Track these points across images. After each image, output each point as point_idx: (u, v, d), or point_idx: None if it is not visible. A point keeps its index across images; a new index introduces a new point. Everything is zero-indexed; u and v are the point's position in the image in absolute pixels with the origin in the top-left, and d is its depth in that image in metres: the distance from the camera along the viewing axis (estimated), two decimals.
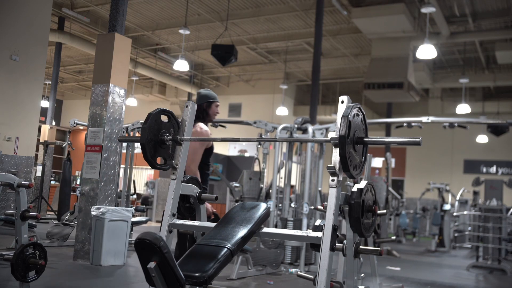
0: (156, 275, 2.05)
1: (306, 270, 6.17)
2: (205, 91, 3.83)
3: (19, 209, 3.52)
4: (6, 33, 7.55)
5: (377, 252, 2.52)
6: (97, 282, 4.71)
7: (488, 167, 18.52)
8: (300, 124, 6.64)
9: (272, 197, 6.62)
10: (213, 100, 3.76)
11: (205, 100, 3.75)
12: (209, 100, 3.75)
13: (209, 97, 3.76)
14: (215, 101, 3.78)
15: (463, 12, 11.98)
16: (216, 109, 3.78)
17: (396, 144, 2.30)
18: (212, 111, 3.76)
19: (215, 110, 3.78)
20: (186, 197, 2.87)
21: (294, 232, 2.42)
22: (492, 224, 8.02)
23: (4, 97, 7.57)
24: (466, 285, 6.42)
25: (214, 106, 3.77)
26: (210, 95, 3.79)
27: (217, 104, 3.79)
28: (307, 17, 12.62)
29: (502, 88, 17.50)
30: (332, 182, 2.22)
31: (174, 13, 13.27)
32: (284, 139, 2.65)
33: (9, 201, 7.51)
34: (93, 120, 5.90)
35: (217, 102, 3.80)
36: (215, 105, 3.77)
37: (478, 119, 12.18)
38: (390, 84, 12.50)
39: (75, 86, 21.01)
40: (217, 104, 3.79)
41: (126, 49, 6.09)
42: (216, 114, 3.80)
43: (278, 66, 17.28)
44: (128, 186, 7.86)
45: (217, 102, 3.79)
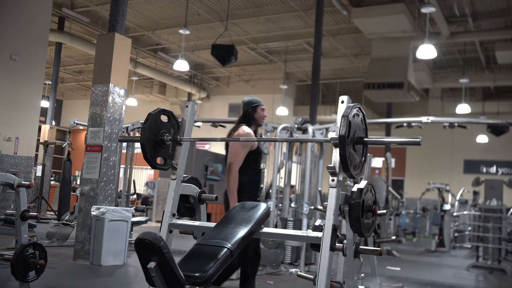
0: (156, 275, 2.05)
1: (306, 270, 6.17)
2: (248, 98, 3.88)
3: (19, 209, 3.52)
4: (6, 33, 7.55)
5: (377, 252, 2.52)
6: (97, 282, 4.71)
7: (488, 167, 18.52)
8: (300, 124, 6.64)
9: (272, 197, 6.62)
10: (257, 104, 3.81)
11: (249, 106, 3.80)
12: (253, 105, 3.80)
13: (252, 102, 3.81)
14: (259, 104, 3.82)
15: (463, 12, 11.98)
16: (262, 113, 3.82)
17: (396, 144, 2.30)
18: (258, 115, 3.80)
19: (261, 114, 3.81)
20: (186, 197, 2.87)
21: (294, 232, 2.42)
22: (492, 224, 8.03)
23: (4, 97, 7.57)
24: (466, 285, 6.42)
25: (260, 109, 3.80)
26: (253, 100, 3.84)
27: (262, 108, 3.82)
28: (307, 17, 12.62)
29: (502, 88, 17.50)
30: (332, 182, 2.22)
31: (174, 13, 13.27)
32: (284, 139, 2.65)
33: (9, 201, 7.51)
34: (93, 120, 5.90)
35: (262, 106, 3.83)
36: (260, 109, 3.81)
37: (478, 119, 12.17)
38: (390, 84, 12.50)
39: (75, 86, 21.01)
40: (262, 107, 3.82)
41: (126, 49, 6.09)
42: (263, 117, 3.82)
43: (278, 66, 17.28)
44: (128, 186, 7.86)
45: (261, 105, 3.83)
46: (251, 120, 3.79)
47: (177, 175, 2.64)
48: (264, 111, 3.84)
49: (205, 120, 8.85)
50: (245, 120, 3.78)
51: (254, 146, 3.68)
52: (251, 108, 3.79)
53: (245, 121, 3.77)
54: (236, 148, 3.62)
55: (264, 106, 3.86)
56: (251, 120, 3.79)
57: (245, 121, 3.77)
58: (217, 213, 13.26)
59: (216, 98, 20.33)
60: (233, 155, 3.60)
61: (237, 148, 3.62)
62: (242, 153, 3.62)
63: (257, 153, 3.70)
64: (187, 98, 19.15)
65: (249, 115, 3.79)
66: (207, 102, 20.41)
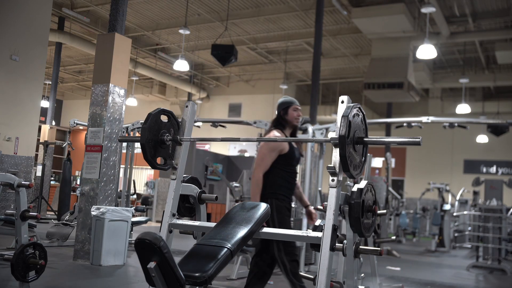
0: (156, 275, 2.05)
1: (306, 270, 6.17)
2: (282, 99, 3.74)
3: (19, 209, 3.52)
4: (6, 33, 7.55)
5: (377, 252, 2.52)
6: (97, 282, 4.71)
7: (488, 167, 18.52)
8: (300, 124, 6.64)
9: None
10: (288, 105, 3.66)
11: (281, 108, 3.67)
12: (284, 106, 3.66)
13: (284, 103, 3.68)
14: (291, 105, 3.66)
15: (463, 12, 11.98)
16: (294, 113, 3.65)
17: (396, 144, 2.30)
18: (290, 117, 3.64)
19: (293, 114, 3.65)
20: (186, 197, 2.87)
21: (294, 232, 2.42)
22: (492, 224, 8.03)
23: (4, 97, 7.57)
24: (466, 285, 6.42)
25: (292, 110, 3.64)
26: (285, 101, 3.69)
27: (295, 108, 3.66)
28: (307, 17, 12.62)
29: (502, 88, 17.50)
30: (332, 182, 2.22)
31: (174, 13, 13.27)
32: (284, 139, 2.65)
33: (9, 201, 7.51)
34: (93, 120, 5.90)
35: (294, 106, 3.66)
36: (292, 109, 3.65)
37: (478, 119, 12.17)
38: (390, 84, 12.50)
39: (75, 86, 21.01)
40: (294, 107, 3.66)
41: (126, 49, 6.10)
42: (297, 118, 3.66)
43: (278, 66, 17.28)
44: (128, 186, 7.86)
45: (294, 105, 3.66)
46: (284, 123, 3.65)
47: (177, 175, 2.64)
48: (298, 110, 3.66)
49: (205, 120, 8.85)
50: (278, 123, 3.66)
51: (285, 150, 3.54)
52: (283, 110, 3.65)
53: (278, 124, 3.65)
54: (263, 152, 3.54)
55: (297, 105, 3.69)
56: (284, 122, 3.65)
57: (277, 124, 3.65)
58: (217, 213, 13.26)
59: (216, 98, 20.33)
60: (259, 159, 3.53)
61: (264, 153, 3.54)
62: (268, 157, 3.52)
63: (290, 156, 3.56)
64: (187, 98, 19.15)
65: (280, 118, 3.66)
66: (207, 102, 20.41)
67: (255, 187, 3.49)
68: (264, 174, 3.52)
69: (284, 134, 3.64)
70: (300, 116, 3.69)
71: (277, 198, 3.51)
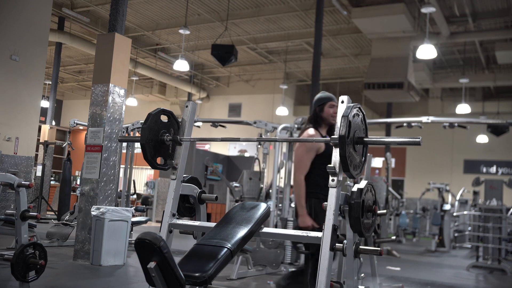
0: (156, 275, 2.05)
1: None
2: (318, 95, 3.60)
3: (19, 209, 3.52)
4: (6, 33, 7.55)
5: (377, 252, 2.51)
6: (97, 282, 4.71)
7: (488, 167, 18.51)
8: (300, 124, 6.64)
9: (272, 197, 6.63)
10: (323, 102, 3.53)
11: (316, 104, 3.56)
12: (320, 103, 3.54)
13: (319, 100, 3.55)
14: (326, 102, 3.52)
15: (463, 12, 11.98)
16: (330, 110, 3.49)
17: (396, 144, 2.30)
18: (326, 114, 3.50)
19: (329, 112, 3.50)
20: (186, 197, 2.87)
21: (294, 232, 2.42)
22: (492, 224, 8.02)
23: (4, 97, 7.57)
24: (466, 285, 6.42)
25: (327, 107, 3.50)
26: (320, 97, 3.56)
27: (331, 105, 3.51)
28: (307, 17, 12.63)
29: (502, 88, 17.50)
30: (332, 182, 2.23)
31: (174, 13, 13.28)
32: (284, 139, 2.65)
33: (9, 201, 7.51)
34: (93, 120, 5.90)
35: (331, 102, 3.50)
36: (328, 106, 3.50)
37: (478, 119, 12.17)
38: (390, 84, 12.50)
39: (75, 86, 21.01)
40: (330, 104, 3.51)
41: (126, 49, 6.09)
42: (333, 115, 3.48)
43: (278, 66, 17.28)
44: (128, 186, 7.86)
45: (330, 102, 3.51)
46: (319, 120, 3.51)
47: (177, 175, 2.64)
48: (335, 107, 3.47)
49: (205, 120, 8.86)
50: (313, 120, 3.53)
51: (321, 149, 3.41)
52: (318, 107, 3.52)
53: (313, 122, 3.52)
54: (299, 154, 3.44)
55: (334, 102, 3.50)
56: (319, 120, 3.51)
57: (313, 122, 3.53)
58: (217, 213, 13.26)
59: (216, 98, 20.33)
60: (296, 162, 3.43)
61: (300, 155, 3.44)
62: (305, 158, 3.41)
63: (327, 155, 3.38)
64: (187, 98, 19.15)
65: (316, 115, 3.53)
66: (207, 102, 20.41)
67: (298, 190, 3.38)
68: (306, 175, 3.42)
69: (319, 132, 3.50)
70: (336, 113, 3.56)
71: (317, 198, 3.41)
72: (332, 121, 3.47)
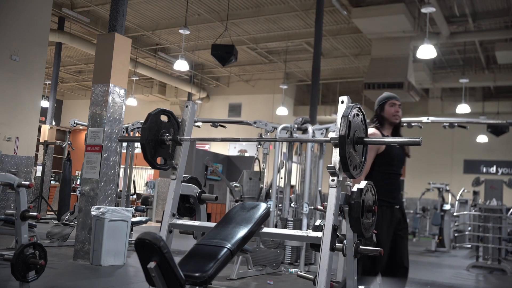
0: (156, 275, 2.05)
1: (306, 270, 6.17)
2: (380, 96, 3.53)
3: (19, 209, 3.52)
4: (6, 33, 7.55)
5: (377, 252, 2.51)
6: (97, 282, 4.71)
7: (488, 167, 18.51)
8: (300, 124, 6.64)
9: (272, 197, 6.62)
10: (383, 101, 3.46)
11: (377, 105, 3.48)
12: (380, 103, 3.47)
13: (380, 99, 3.49)
14: (387, 101, 3.44)
15: (463, 12, 11.98)
16: (391, 109, 3.41)
17: (396, 144, 2.30)
18: (387, 113, 3.42)
19: (390, 111, 3.42)
20: (186, 197, 2.87)
21: (294, 232, 2.42)
22: (492, 224, 8.02)
23: (4, 97, 7.57)
24: (466, 285, 6.42)
25: (388, 106, 3.42)
26: (381, 97, 3.49)
27: (391, 103, 3.42)
28: (307, 17, 12.62)
29: (502, 88, 17.49)
30: (332, 182, 2.23)
31: (174, 13, 13.28)
32: (284, 139, 2.66)
33: (9, 201, 7.51)
34: (93, 120, 5.90)
35: (391, 101, 3.42)
36: (389, 105, 3.42)
37: (478, 119, 12.17)
38: (390, 84, 12.50)
39: (75, 86, 21.01)
40: (390, 102, 3.42)
41: (126, 49, 6.10)
42: (394, 114, 3.41)
43: (278, 66, 17.28)
44: (128, 186, 7.86)
45: (390, 101, 3.43)
46: (382, 120, 3.43)
47: (177, 175, 2.64)
48: (395, 106, 3.40)
49: (205, 120, 8.86)
50: (376, 120, 3.44)
51: (381, 149, 3.28)
52: (379, 107, 3.45)
53: (376, 122, 3.43)
54: None
55: (394, 100, 3.42)
56: (381, 120, 3.43)
57: (376, 122, 3.43)
58: (217, 213, 13.26)
59: (216, 98, 20.33)
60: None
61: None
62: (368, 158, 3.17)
63: (389, 155, 3.29)
64: (187, 98, 19.15)
65: (378, 115, 3.45)
66: (207, 102, 20.41)
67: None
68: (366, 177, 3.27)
69: (381, 132, 3.39)
70: (398, 112, 3.43)
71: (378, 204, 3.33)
72: (394, 120, 3.42)
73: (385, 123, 3.43)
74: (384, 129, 3.42)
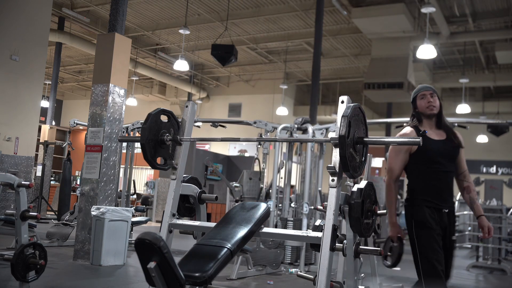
0: (156, 275, 2.05)
1: (306, 270, 6.17)
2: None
3: (19, 209, 3.52)
4: (6, 33, 7.55)
5: (377, 252, 2.52)
6: (97, 282, 4.71)
7: (488, 167, 18.52)
8: (300, 124, 6.64)
9: (272, 197, 6.62)
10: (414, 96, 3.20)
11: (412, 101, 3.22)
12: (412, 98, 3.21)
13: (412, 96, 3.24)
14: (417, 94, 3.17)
15: (463, 12, 11.98)
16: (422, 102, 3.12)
17: (396, 144, 2.30)
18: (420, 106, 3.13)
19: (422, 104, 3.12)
20: (186, 197, 2.87)
21: (294, 232, 2.42)
22: (492, 224, 8.01)
23: (4, 97, 7.57)
24: (466, 285, 6.42)
25: (419, 100, 3.14)
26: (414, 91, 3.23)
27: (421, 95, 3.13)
28: (307, 17, 12.63)
29: (502, 88, 17.50)
30: (332, 182, 2.23)
31: (174, 13, 13.28)
32: (284, 139, 2.66)
33: (9, 201, 7.51)
34: (93, 120, 5.90)
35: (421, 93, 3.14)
36: (419, 98, 3.13)
37: (478, 119, 12.16)
38: (390, 84, 12.50)
39: (75, 86, 21.02)
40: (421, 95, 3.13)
41: (126, 49, 6.09)
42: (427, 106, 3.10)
43: (278, 66, 17.28)
44: (128, 186, 7.86)
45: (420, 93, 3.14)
46: (419, 116, 3.15)
47: (177, 175, 2.64)
48: (426, 97, 3.11)
49: (205, 120, 8.85)
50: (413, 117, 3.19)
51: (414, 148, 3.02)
52: (412, 104, 3.18)
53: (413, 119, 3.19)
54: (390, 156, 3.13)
55: (423, 92, 3.13)
56: (418, 116, 3.15)
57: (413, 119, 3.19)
58: (217, 213, 13.25)
59: (216, 98, 20.33)
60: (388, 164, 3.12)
61: (391, 156, 3.12)
62: (395, 161, 3.06)
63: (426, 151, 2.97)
64: (187, 98, 19.15)
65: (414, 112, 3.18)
66: (207, 102, 20.42)
67: (387, 195, 3.14)
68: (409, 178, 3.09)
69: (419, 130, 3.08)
70: (431, 102, 3.11)
71: (414, 205, 3.01)
72: (430, 112, 3.09)
73: (423, 118, 3.13)
74: (423, 125, 3.11)
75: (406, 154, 3.02)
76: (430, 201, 2.93)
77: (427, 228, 2.89)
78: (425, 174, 2.98)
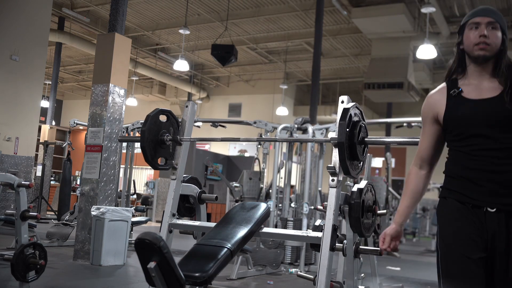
0: (156, 275, 2.05)
1: (306, 270, 6.17)
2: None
3: (19, 209, 3.52)
4: (6, 33, 7.55)
5: (377, 252, 2.52)
6: (97, 282, 4.71)
7: None
8: (300, 124, 6.64)
9: (272, 197, 6.62)
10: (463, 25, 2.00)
11: (458, 29, 2.02)
12: (459, 31, 1.99)
13: (463, 20, 2.00)
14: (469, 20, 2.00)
15: (463, 12, 11.98)
16: (471, 35, 1.93)
17: (396, 144, 2.30)
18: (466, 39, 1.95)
19: (469, 38, 1.93)
20: (186, 197, 2.87)
21: (294, 232, 2.43)
22: None
23: (4, 97, 7.57)
24: None
25: (467, 31, 1.97)
26: (466, 16, 2.03)
27: (472, 24, 1.97)
28: (307, 17, 12.63)
29: None
30: (332, 182, 2.23)
31: (174, 13, 13.28)
32: (284, 139, 2.66)
33: (9, 201, 7.51)
34: (93, 120, 5.90)
35: (472, 20, 1.98)
36: (469, 28, 1.97)
37: None
38: (390, 84, 12.50)
39: (75, 86, 21.02)
40: (472, 23, 1.97)
41: (126, 49, 6.10)
42: (476, 41, 1.89)
43: (278, 66, 17.28)
44: (128, 186, 7.86)
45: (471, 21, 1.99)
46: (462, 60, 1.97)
47: (177, 175, 2.64)
48: (480, 26, 1.93)
49: (205, 120, 8.85)
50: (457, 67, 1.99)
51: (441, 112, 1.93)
52: (458, 34, 2.02)
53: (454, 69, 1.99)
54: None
55: (475, 18, 1.97)
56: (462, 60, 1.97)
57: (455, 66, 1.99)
58: (217, 213, 13.26)
59: (216, 98, 20.33)
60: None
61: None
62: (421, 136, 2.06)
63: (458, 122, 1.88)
64: (187, 98, 19.14)
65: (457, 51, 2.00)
66: (207, 102, 20.42)
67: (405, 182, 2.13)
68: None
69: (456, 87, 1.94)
70: (484, 35, 1.91)
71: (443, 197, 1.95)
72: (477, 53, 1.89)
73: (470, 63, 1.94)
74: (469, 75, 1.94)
75: (434, 126, 1.97)
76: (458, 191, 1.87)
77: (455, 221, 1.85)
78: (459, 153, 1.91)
